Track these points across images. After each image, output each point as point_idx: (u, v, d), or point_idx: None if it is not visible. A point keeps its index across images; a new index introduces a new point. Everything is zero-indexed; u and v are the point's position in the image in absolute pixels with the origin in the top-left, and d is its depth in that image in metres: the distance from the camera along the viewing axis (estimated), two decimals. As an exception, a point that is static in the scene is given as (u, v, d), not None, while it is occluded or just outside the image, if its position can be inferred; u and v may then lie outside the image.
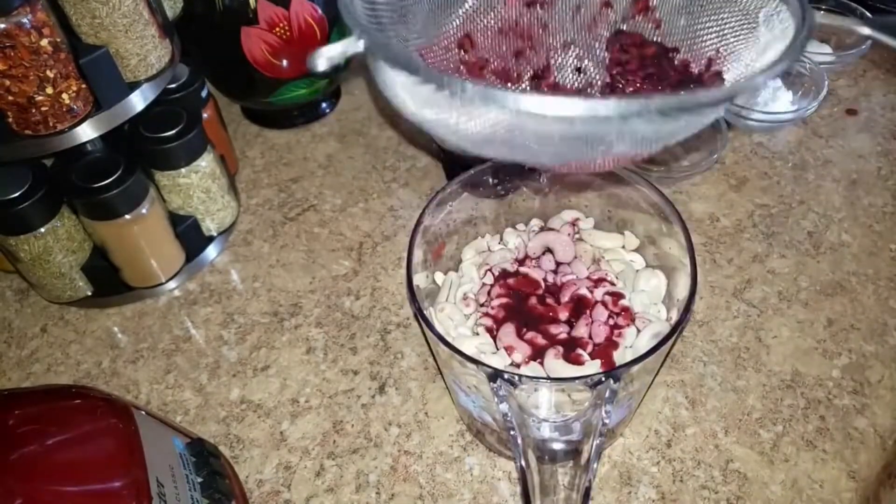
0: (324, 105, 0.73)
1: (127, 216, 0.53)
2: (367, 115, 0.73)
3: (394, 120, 0.72)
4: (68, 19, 0.47)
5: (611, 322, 0.45)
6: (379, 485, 0.47)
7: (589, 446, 0.36)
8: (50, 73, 0.45)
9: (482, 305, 0.46)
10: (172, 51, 0.54)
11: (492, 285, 0.47)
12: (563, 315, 0.45)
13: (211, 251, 0.62)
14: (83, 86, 0.48)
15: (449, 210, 0.48)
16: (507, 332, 0.44)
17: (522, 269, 0.48)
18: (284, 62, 0.63)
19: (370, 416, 0.51)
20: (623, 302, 0.45)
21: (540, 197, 0.51)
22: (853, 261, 0.57)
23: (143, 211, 0.54)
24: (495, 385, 0.37)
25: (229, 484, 0.43)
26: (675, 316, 0.44)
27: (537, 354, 0.43)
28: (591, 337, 0.44)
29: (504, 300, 0.46)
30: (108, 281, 0.58)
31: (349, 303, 0.58)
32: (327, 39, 0.64)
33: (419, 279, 0.45)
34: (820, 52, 0.70)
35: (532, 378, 0.37)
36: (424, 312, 0.42)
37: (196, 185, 0.58)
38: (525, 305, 0.46)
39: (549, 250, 0.49)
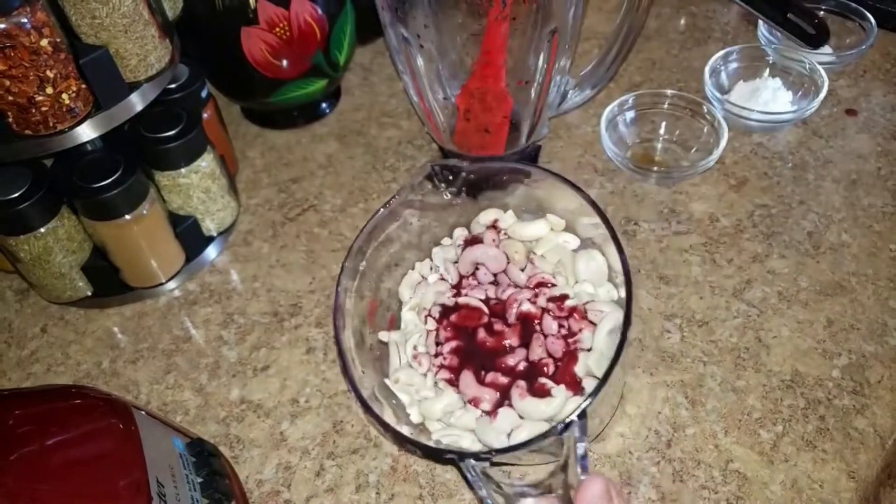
0: (324, 105, 0.73)
1: (127, 216, 0.53)
2: (367, 115, 0.73)
3: (394, 120, 0.72)
4: (68, 19, 0.47)
5: (563, 331, 0.44)
6: (379, 485, 0.47)
7: (575, 471, 0.35)
8: (50, 74, 0.45)
9: (436, 356, 0.45)
10: (172, 51, 0.54)
11: (437, 329, 0.46)
12: (515, 340, 0.44)
13: (211, 251, 0.62)
14: (83, 86, 0.48)
15: (363, 266, 0.47)
16: (468, 381, 0.43)
17: (461, 301, 0.46)
18: (284, 62, 0.63)
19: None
20: (569, 302, 0.44)
21: (456, 208, 0.50)
22: (853, 261, 0.57)
23: (143, 211, 0.54)
24: (466, 466, 0.36)
25: (229, 484, 0.43)
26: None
27: (504, 396, 0.42)
28: (549, 355, 0.43)
29: (454, 343, 0.45)
30: (108, 281, 0.58)
31: (349, 303, 0.57)
32: (327, 39, 0.64)
33: (359, 354, 0.45)
34: (820, 53, 0.70)
35: (500, 451, 0.36)
36: (384, 419, 0.41)
37: (196, 185, 0.58)
38: (475, 343, 0.45)
39: (480, 264, 0.48)
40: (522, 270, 0.47)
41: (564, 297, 0.45)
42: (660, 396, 0.50)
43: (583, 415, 0.35)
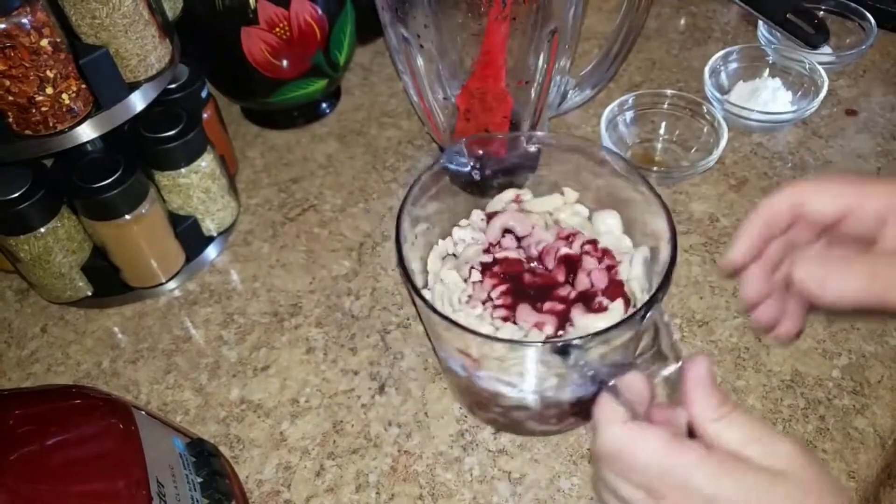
0: (324, 105, 0.73)
1: (127, 216, 0.53)
2: (367, 115, 0.73)
3: (394, 120, 0.72)
4: (68, 19, 0.47)
5: (603, 265, 0.46)
6: (379, 485, 0.47)
7: (670, 348, 0.37)
8: (50, 74, 0.45)
9: (485, 303, 0.46)
10: (172, 51, 0.54)
11: (481, 280, 0.47)
12: (561, 277, 0.46)
13: (211, 251, 0.62)
14: (83, 86, 0.48)
15: (414, 216, 0.48)
16: (526, 311, 0.44)
17: (499, 256, 0.48)
18: (284, 62, 0.63)
19: (370, 417, 0.51)
20: (601, 245, 0.47)
21: (471, 194, 0.52)
22: (853, 261, 0.57)
23: (143, 211, 0.54)
24: (570, 357, 0.37)
25: (229, 484, 0.43)
26: (645, 241, 0.47)
27: (563, 320, 0.44)
28: (594, 285, 0.46)
29: (502, 287, 0.46)
30: (108, 281, 0.58)
31: (349, 303, 0.58)
32: (327, 39, 0.64)
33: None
34: (819, 53, 0.70)
35: (598, 334, 0.38)
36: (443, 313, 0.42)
37: (196, 185, 0.58)
38: (523, 284, 0.46)
39: (507, 231, 0.50)
40: (548, 231, 0.50)
41: (596, 241, 0.48)
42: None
43: (659, 299, 0.39)
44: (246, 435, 0.50)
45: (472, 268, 0.48)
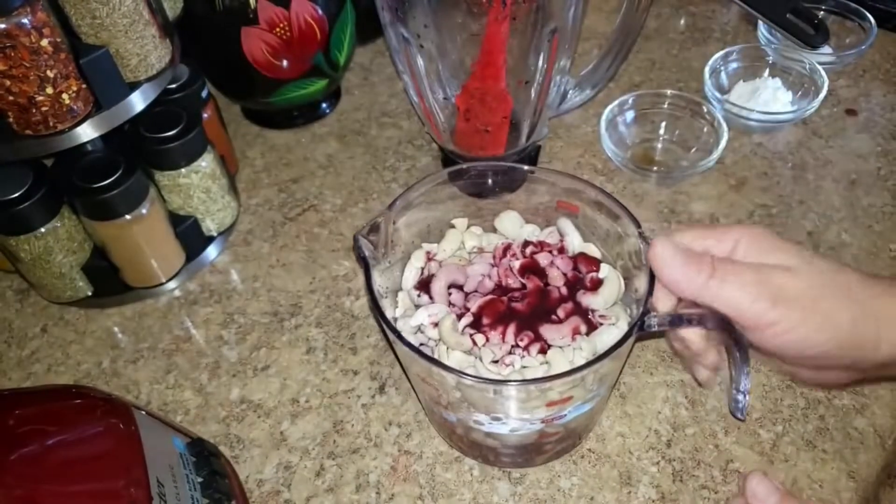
0: (324, 105, 0.73)
1: (127, 216, 0.53)
2: (367, 115, 0.73)
3: (394, 120, 0.72)
4: (69, 19, 0.47)
5: (557, 255, 0.46)
6: (379, 485, 0.47)
7: None
8: (50, 74, 0.45)
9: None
10: (173, 51, 0.54)
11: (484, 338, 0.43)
12: (536, 283, 0.45)
13: (211, 251, 0.62)
14: (83, 86, 0.48)
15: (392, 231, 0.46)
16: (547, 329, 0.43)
17: (473, 308, 0.44)
18: (284, 62, 0.63)
19: (370, 416, 0.51)
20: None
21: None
22: (853, 261, 0.57)
23: (144, 211, 0.54)
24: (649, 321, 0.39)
25: (229, 484, 0.43)
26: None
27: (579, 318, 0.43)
28: (566, 273, 0.45)
29: (510, 326, 0.43)
30: (109, 281, 0.58)
31: (349, 303, 0.58)
32: (327, 39, 0.64)
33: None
34: (820, 53, 0.70)
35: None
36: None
37: (196, 185, 0.58)
38: (518, 312, 0.44)
39: (451, 287, 0.46)
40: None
41: (527, 242, 0.47)
42: (659, 396, 0.50)
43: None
44: (246, 435, 0.50)
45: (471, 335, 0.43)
